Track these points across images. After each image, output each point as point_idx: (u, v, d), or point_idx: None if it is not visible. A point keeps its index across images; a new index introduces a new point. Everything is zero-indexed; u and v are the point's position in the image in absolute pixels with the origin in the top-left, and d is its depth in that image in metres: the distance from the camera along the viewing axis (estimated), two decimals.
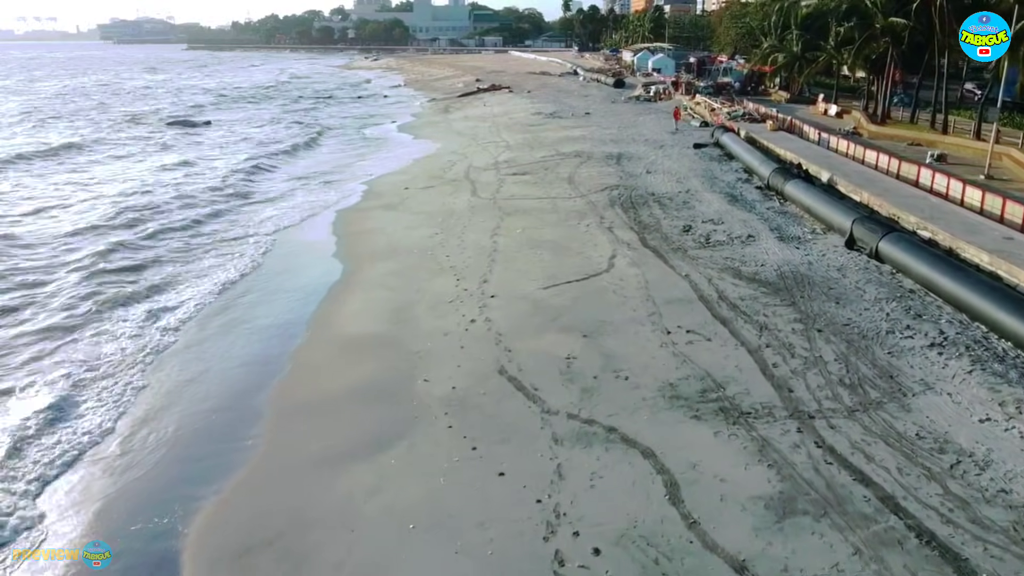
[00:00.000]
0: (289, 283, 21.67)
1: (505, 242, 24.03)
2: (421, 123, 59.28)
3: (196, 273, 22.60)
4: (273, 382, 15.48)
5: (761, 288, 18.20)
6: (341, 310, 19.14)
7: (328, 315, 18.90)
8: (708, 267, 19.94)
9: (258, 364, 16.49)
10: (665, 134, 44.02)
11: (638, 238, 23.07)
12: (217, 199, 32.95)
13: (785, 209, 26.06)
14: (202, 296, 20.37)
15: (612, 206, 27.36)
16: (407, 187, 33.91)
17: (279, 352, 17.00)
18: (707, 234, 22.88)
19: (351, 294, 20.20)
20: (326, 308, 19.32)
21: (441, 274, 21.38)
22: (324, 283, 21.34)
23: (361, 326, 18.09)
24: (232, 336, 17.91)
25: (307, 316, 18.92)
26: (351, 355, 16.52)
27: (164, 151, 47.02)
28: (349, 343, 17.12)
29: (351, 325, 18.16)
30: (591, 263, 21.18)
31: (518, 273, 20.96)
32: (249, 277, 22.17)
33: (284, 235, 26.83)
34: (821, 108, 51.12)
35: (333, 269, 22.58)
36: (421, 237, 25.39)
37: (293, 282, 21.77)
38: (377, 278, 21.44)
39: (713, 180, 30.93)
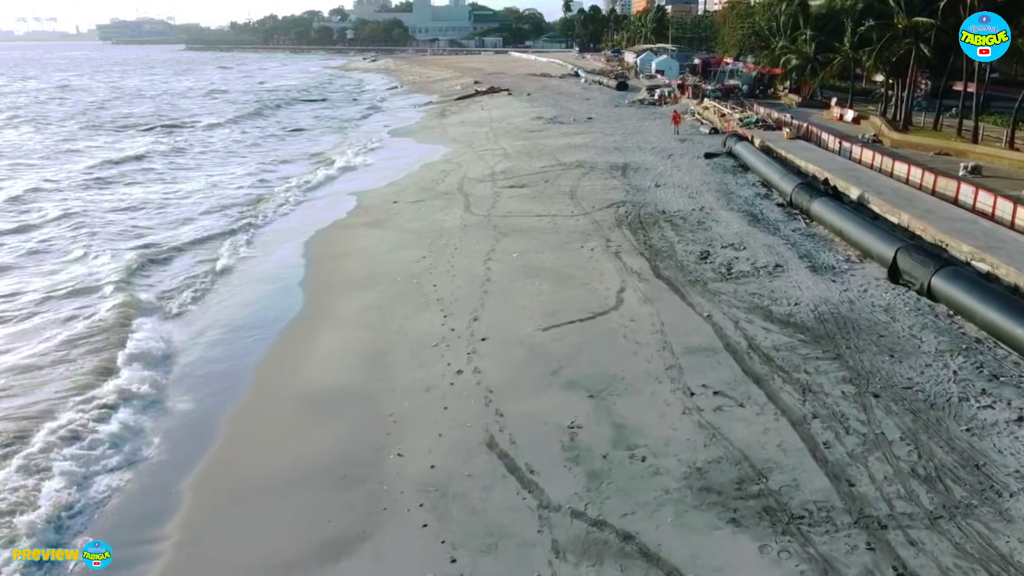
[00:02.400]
0: (241, 319, 18.93)
1: (500, 269, 21.38)
2: (416, 128, 56.59)
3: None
4: (200, 456, 12.79)
5: (798, 334, 15.48)
6: (301, 357, 16.43)
7: (284, 364, 16.21)
8: (733, 305, 17.24)
9: (183, 428, 13.81)
10: (673, 142, 41.33)
11: (649, 266, 20.38)
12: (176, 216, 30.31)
13: (813, 231, 23.33)
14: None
15: (619, 226, 24.67)
16: (396, 200, 31.28)
17: (211, 412, 14.32)
18: (728, 262, 20.17)
19: (316, 336, 17.48)
20: (282, 354, 16.63)
21: (426, 309, 18.75)
22: (284, 321, 18.65)
23: (325, 378, 15.41)
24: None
25: (255, 365, 16.23)
26: (307, 418, 13.84)
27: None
28: (307, 401, 14.43)
29: (313, 377, 15.46)
30: (597, 297, 18.51)
31: (513, 309, 18.30)
32: (192, 312, 19.44)
33: (247, 260, 24.09)
34: (836, 113, 48.45)
35: (296, 303, 19.89)
36: (407, 261, 22.76)
37: (246, 318, 19.01)
38: (351, 314, 18.77)
39: (729, 196, 28.22)
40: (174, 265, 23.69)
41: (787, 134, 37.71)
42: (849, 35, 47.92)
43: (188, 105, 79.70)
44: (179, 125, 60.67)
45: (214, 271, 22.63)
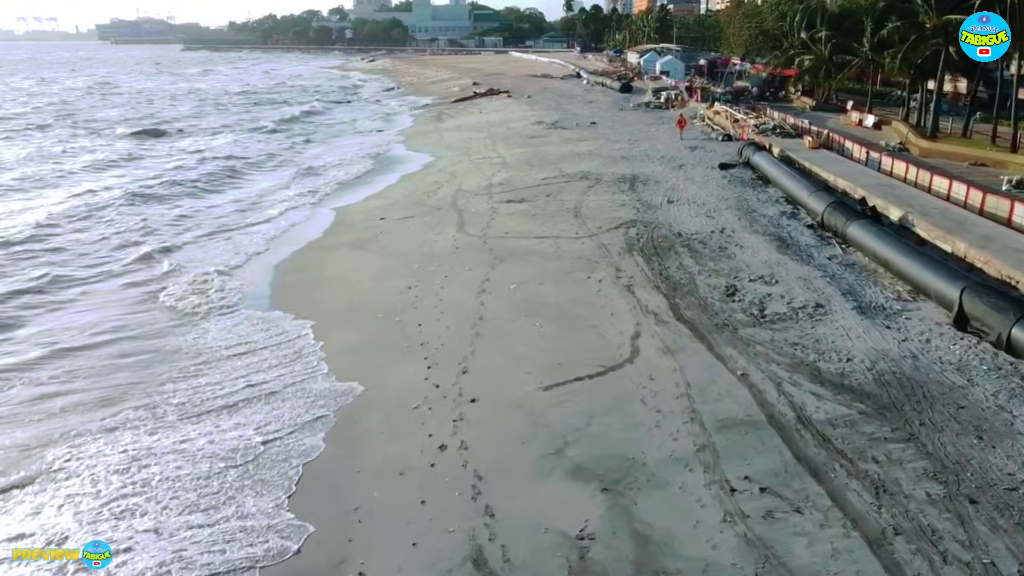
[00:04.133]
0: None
1: (494, 304, 18.62)
2: (410, 133, 53.75)
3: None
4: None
5: (857, 403, 12.68)
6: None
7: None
8: (771, 360, 14.44)
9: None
10: (684, 150, 38.50)
11: (667, 304, 17.58)
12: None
13: (851, 259, 20.49)
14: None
15: (630, 251, 21.88)
16: (383, 216, 28.49)
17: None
18: (760, 301, 17.35)
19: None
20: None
21: (408, 356, 16.03)
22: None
23: None
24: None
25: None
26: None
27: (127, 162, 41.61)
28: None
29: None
30: (608, 345, 15.73)
31: (509, 358, 15.55)
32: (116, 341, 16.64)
33: (210, 283, 21.24)
34: (855, 118, 45.53)
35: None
36: (390, 292, 20.03)
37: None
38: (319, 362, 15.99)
39: (751, 215, 25.40)
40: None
41: (810, 143, 34.80)
42: (868, 35, 45.27)
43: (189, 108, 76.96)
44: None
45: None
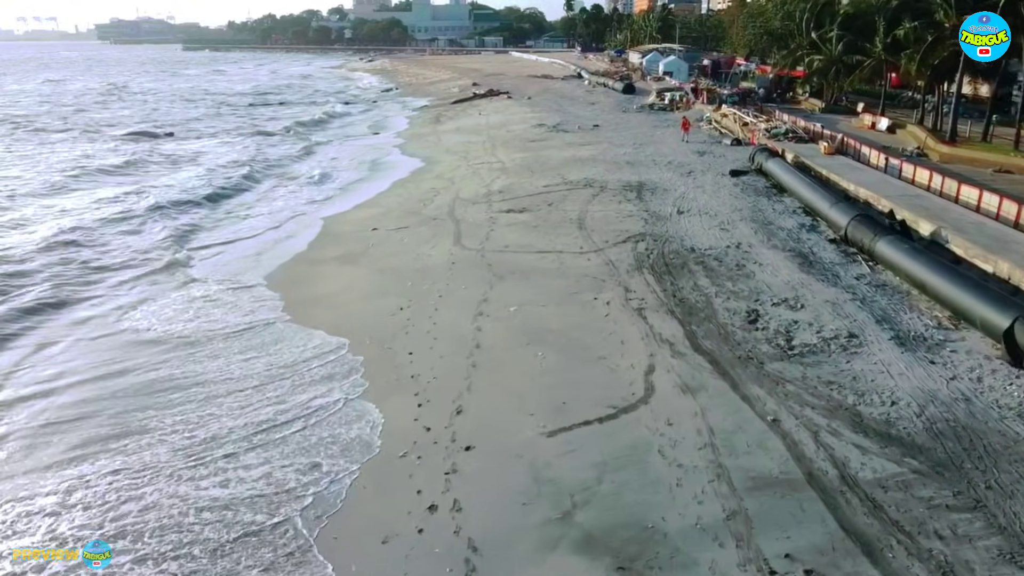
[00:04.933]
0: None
1: (493, 330, 17.03)
2: (407, 135, 52.11)
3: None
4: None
5: (908, 458, 11.06)
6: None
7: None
8: (805, 402, 12.82)
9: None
10: (691, 155, 36.87)
11: (683, 332, 15.95)
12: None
13: (881, 279, 18.84)
14: None
15: (639, 269, 20.25)
16: (375, 227, 26.87)
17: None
18: (786, 329, 15.72)
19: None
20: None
21: (398, 391, 14.49)
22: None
23: (244, 514, 11.00)
24: None
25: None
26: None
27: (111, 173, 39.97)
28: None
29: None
30: (619, 380, 14.12)
31: (509, 396, 13.95)
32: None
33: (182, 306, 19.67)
34: (867, 121, 43.89)
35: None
36: (380, 314, 18.48)
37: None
38: None
39: (768, 227, 23.76)
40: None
41: (825, 148, 33.12)
42: (881, 35, 43.67)
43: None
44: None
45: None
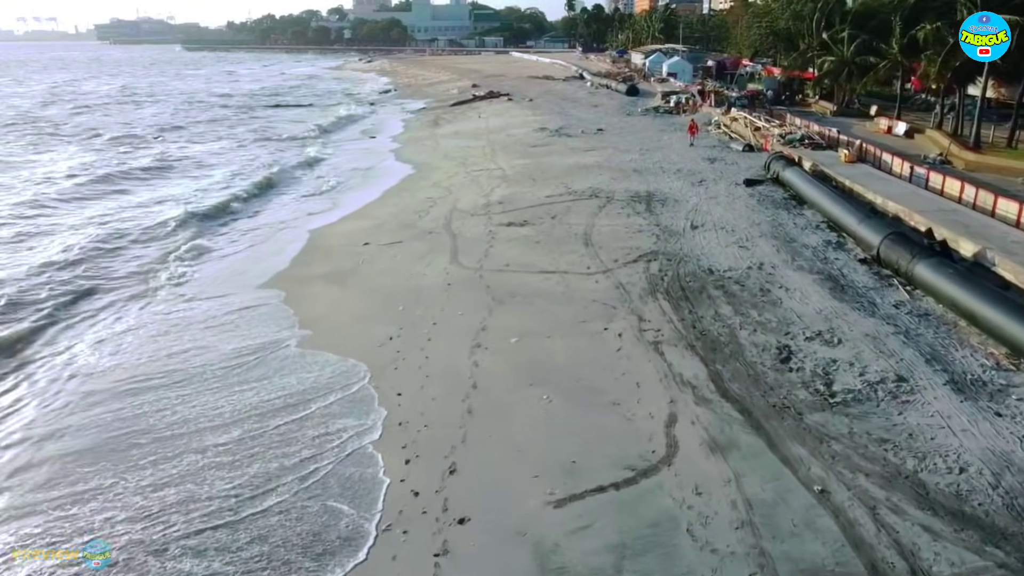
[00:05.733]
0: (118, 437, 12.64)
1: (491, 365, 15.22)
2: (404, 140, 50.23)
3: None
4: None
5: (990, 546, 9.21)
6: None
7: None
8: (856, 467, 10.95)
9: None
10: (702, 162, 35.02)
11: (706, 372, 14.10)
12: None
13: (922, 306, 16.99)
14: None
15: (653, 294, 18.40)
16: (367, 241, 25.05)
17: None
18: (824, 370, 13.86)
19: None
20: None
21: (383, 443, 12.84)
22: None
23: None
24: None
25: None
26: None
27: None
28: None
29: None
30: (635, 435, 12.27)
31: (510, 451, 12.14)
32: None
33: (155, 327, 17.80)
34: (883, 125, 42.00)
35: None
36: (367, 344, 16.73)
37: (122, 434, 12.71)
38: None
39: (791, 245, 21.88)
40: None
41: (845, 156, 31.19)
42: (898, 36, 41.82)
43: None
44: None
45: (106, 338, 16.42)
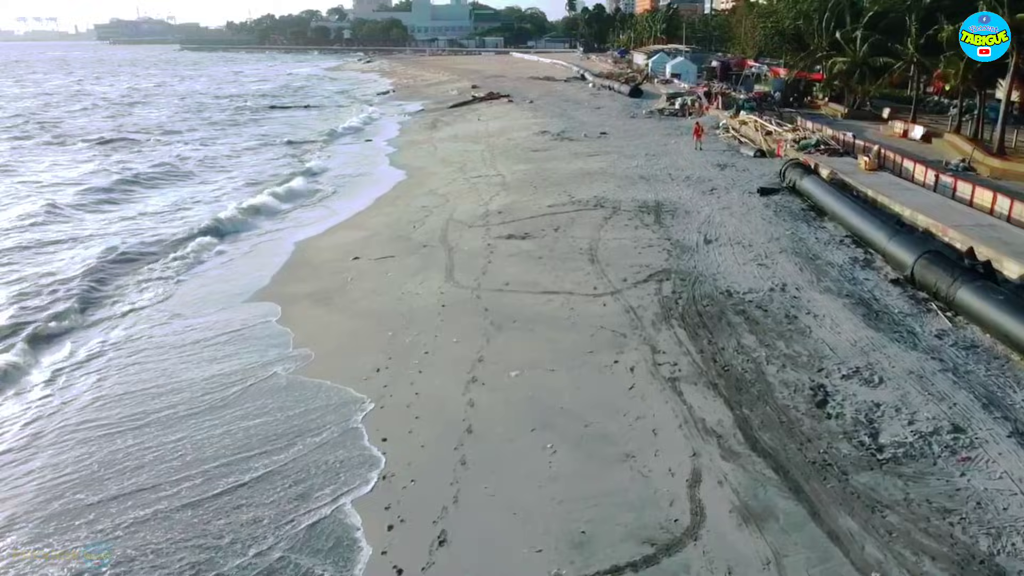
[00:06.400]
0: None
1: (489, 405, 13.58)
2: (400, 143, 48.53)
3: None
4: None
5: None
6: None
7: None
8: (918, 546, 9.28)
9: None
10: (711, 168, 33.33)
11: (732, 418, 12.42)
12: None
13: (968, 336, 15.29)
14: None
15: (667, 319, 16.73)
16: (357, 255, 23.42)
17: None
18: (867, 416, 12.16)
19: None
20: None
21: (363, 502, 11.08)
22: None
23: None
24: None
25: None
26: None
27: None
28: None
29: None
30: (654, 497, 10.60)
31: (509, 516, 10.50)
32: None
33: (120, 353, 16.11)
34: (898, 129, 40.26)
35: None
36: (352, 378, 15.27)
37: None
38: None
39: (814, 263, 20.18)
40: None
41: (866, 163, 29.45)
42: (914, 36, 40.17)
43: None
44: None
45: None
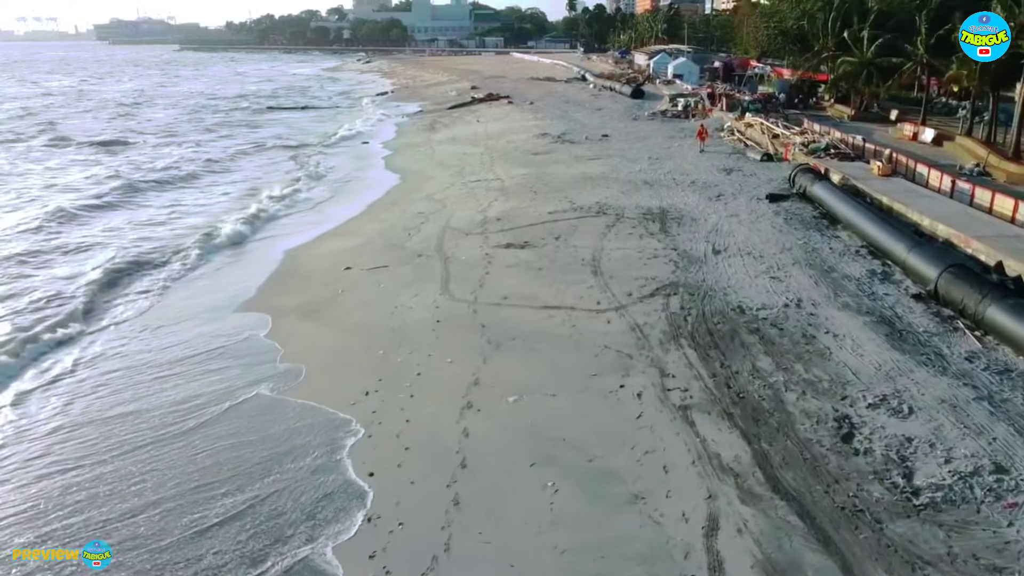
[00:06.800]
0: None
1: (485, 436, 12.53)
2: (397, 146, 47.44)
3: None
4: None
5: None
6: None
7: None
8: None
9: None
10: (717, 172, 32.26)
11: (751, 454, 11.34)
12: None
13: (1000, 358, 14.18)
14: None
15: (675, 338, 15.65)
16: (349, 265, 22.36)
17: None
18: (898, 453, 11.07)
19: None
20: None
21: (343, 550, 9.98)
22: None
23: None
24: None
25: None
26: None
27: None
28: None
29: None
30: (666, 548, 9.53)
31: (504, 565, 9.54)
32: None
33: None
34: (908, 131, 39.17)
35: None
36: (339, 402, 14.18)
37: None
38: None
39: (830, 275, 19.10)
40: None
41: (879, 168, 28.30)
42: (924, 36, 39.15)
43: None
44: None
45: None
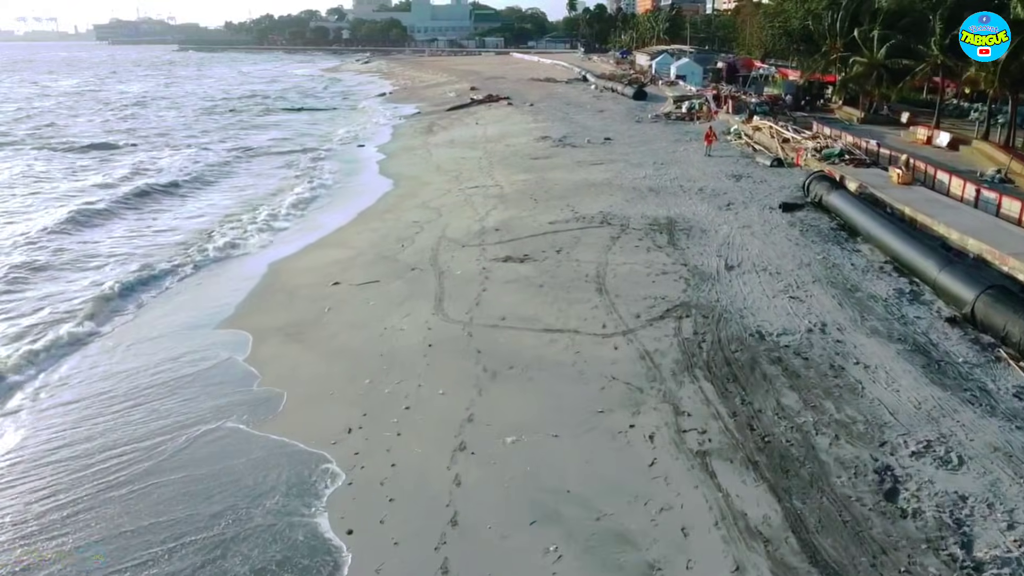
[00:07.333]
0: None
1: (479, 485, 11.14)
2: (393, 149, 46.03)
3: None
4: None
5: None
6: None
7: None
8: None
9: None
10: (726, 179, 30.83)
11: (782, 513, 9.94)
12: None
13: None
14: None
15: (690, 369, 14.24)
16: (338, 280, 21.00)
17: None
18: (953, 517, 9.66)
19: None
20: None
21: None
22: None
23: None
24: None
25: None
26: None
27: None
28: None
29: None
30: None
31: None
32: None
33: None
34: (922, 135, 37.73)
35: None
36: (320, 439, 12.85)
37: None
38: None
39: (854, 295, 17.66)
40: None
41: (898, 176, 26.82)
42: (939, 36, 37.74)
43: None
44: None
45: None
